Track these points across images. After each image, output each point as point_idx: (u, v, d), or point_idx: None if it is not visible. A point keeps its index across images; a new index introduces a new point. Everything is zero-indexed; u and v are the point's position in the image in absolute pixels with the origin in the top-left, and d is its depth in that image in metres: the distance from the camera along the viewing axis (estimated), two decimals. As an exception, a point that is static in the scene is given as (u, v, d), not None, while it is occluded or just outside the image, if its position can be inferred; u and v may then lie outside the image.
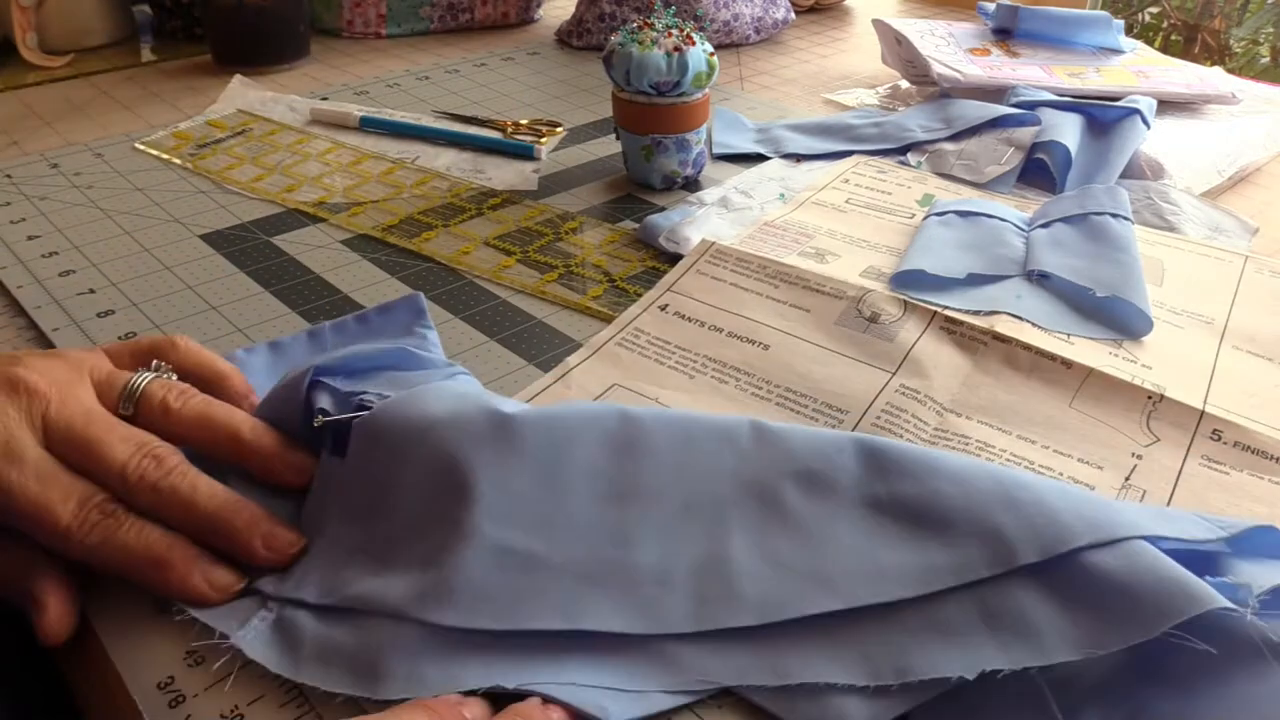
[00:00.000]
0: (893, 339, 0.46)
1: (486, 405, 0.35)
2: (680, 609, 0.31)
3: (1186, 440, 0.41)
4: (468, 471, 0.33)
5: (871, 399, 0.42)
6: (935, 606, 0.30)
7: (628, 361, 0.46)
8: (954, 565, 0.31)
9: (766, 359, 0.45)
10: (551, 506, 0.33)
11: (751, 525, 0.33)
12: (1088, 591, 0.29)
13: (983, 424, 0.42)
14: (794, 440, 0.35)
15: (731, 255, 0.52)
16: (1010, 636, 0.29)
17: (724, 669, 0.30)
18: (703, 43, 0.60)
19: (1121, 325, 0.47)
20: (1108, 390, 0.43)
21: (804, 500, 0.33)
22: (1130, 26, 1.70)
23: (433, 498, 0.34)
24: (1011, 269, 0.51)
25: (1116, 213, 0.54)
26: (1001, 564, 0.30)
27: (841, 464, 0.34)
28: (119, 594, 0.33)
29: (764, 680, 0.30)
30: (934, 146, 0.68)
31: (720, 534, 0.33)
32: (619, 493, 0.34)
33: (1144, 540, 0.30)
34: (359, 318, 0.46)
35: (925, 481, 0.33)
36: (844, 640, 0.30)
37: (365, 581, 0.32)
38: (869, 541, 0.32)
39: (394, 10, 0.97)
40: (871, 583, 0.31)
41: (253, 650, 0.31)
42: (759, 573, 0.32)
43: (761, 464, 0.35)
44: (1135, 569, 0.29)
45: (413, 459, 0.34)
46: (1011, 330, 0.46)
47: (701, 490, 0.34)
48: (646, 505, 0.34)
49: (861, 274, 0.52)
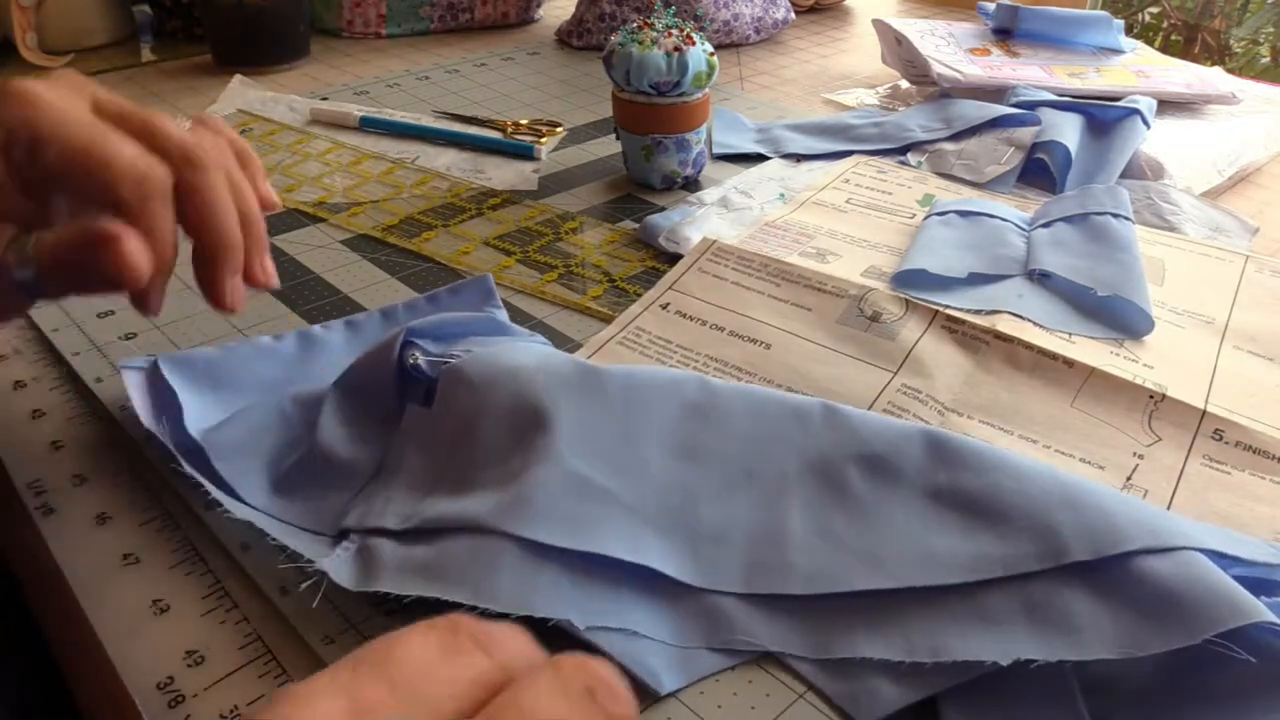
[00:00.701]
0: (894, 338, 0.46)
1: (572, 358, 0.39)
2: (733, 569, 0.33)
3: (1188, 440, 0.40)
4: (551, 407, 0.36)
5: (873, 398, 0.42)
6: (980, 595, 0.31)
7: (630, 361, 0.46)
8: (1005, 557, 0.31)
9: (768, 358, 0.45)
10: (627, 453, 0.35)
11: (811, 500, 0.35)
12: (1134, 594, 0.29)
13: (984, 423, 0.42)
14: (864, 425, 0.36)
15: (733, 254, 0.52)
16: (1050, 630, 0.29)
17: (769, 634, 0.32)
18: (703, 43, 0.60)
19: (1123, 325, 0.47)
20: (1109, 390, 0.43)
21: (865, 482, 0.35)
22: (1130, 26, 1.70)
23: (516, 430, 0.36)
24: (1013, 268, 0.51)
25: (1117, 212, 0.54)
26: (1052, 559, 0.31)
27: (907, 452, 0.35)
28: (119, 594, 0.33)
29: (806, 652, 0.31)
30: (934, 146, 0.68)
31: (780, 505, 0.35)
32: (689, 452, 0.36)
33: (1199, 553, 0.30)
34: (430, 297, 0.48)
35: (986, 475, 0.34)
36: (888, 619, 0.31)
37: (445, 503, 0.34)
38: (924, 527, 0.33)
39: (394, 10, 0.97)
40: (922, 566, 0.32)
41: (337, 574, 0.32)
42: (812, 545, 0.33)
43: (829, 444, 0.36)
44: (1185, 576, 0.29)
45: (498, 397, 0.36)
46: (1013, 329, 0.46)
47: (767, 461, 0.36)
48: (713, 467, 0.36)
49: (863, 273, 0.52)
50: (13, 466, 0.40)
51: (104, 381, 0.44)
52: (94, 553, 0.36)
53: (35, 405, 0.43)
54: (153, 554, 0.36)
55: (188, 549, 0.36)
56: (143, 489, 0.39)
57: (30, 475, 0.39)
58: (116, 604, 0.33)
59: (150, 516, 0.37)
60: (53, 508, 0.38)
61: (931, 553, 0.32)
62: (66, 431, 0.42)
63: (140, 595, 0.34)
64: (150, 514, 0.37)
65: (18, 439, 0.41)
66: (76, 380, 0.45)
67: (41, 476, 0.39)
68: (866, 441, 0.36)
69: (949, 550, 0.32)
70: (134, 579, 0.35)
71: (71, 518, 0.37)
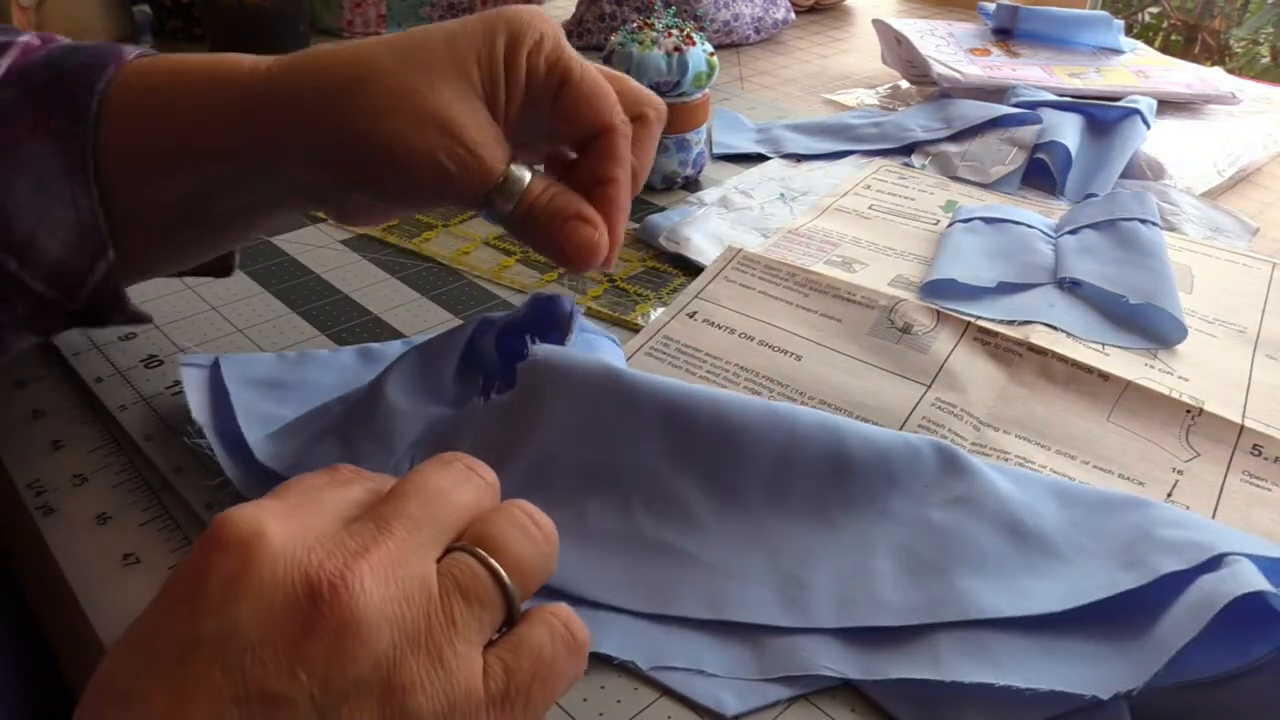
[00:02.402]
0: (926, 350, 0.45)
1: (661, 387, 0.36)
2: (823, 607, 0.32)
3: (1227, 455, 0.40)
4: (631, 455, 0.35)
5: (908, 413, 0.42)
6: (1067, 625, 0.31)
7: (659, 373, 0.44)
8: (1094, 586, 0.31)
9: (800, 369, 0.44)
10: (708, 503, 0.35)
11: (897, 539, 0.34)
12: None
13: (1020, 439, 0.41)
14: (951, 467, 0.36)
15: (759, 263, 0.52)
16: (1142, 654, 0.29)
17: (853, 664, 0.31)
18: (703, 43, 0.60)
19: (1155, 333, 0.47)
20: (1145, 404, 0.42)
21: (947, 514, 0.34)
22: (1130, 26, 1.70)
23: (588, 474, 0.35)
24: (1042, 277, 0.51)
25: (1145, 218, 0.54)
26: (1136, 579, 0.31)
27: (987, 489, 0.35)
28: (119, 594, 0.33)
29: (885, 675, 0.31)
30: (937, 148, 0.68)
31: (867, 545, 0.34)
32: (775, 496, 0.35)
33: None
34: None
35: (1063, 509, 0.35)
36: (980, 647, 0.31)
37: None
38: (1011, 560, 0.33)
39: (394, 10, 0.97)
40: (1010, 597, 0.32)
41: None
42: (902, 581, 0.33)
43: (911, 488, 0.35)
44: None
45: (571, 427, 0.36)
46: (1046, 341, 0.45)
47: (851, 505, 0.35)
48: (795, 511, 0.35)
49: (890, 283, 0.51)
50: (13, 466, 0.40)
51: (104, 381, 0.44)
52: (94, 553, 0.36)
53: (35, 405, 0.43)
54: (153, 554, 0.36)
55: (187, 549, 0.36)
56: (143, 489, 0.39)
57: (30, 475, 0.39)
58: (116, 604, 0.33)
59: (150, 516, 0.37)
60: (53, 508, 0.38)
61: (1021, 585, 0.32)
62: (66, 431, 0.42)
63: (140, 595, 0.34)
64: (150, 514, 0.37)
65: (18, 439, 0.41)
66: (76, 380, 0.45)
67: (41, 476, 0.39)
68: (947, 487, 0.35)
69: (1037, 584, 0.32)
70: (134, 579, 0.34)
71: (71, 518, 0.37)
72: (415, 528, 0.24)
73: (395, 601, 0.22)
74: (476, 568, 0.24)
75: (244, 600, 0.21)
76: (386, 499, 0.25)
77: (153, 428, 0.41)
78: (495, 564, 0.24)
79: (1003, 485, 0.35)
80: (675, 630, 0.32)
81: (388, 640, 0.22)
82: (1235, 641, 0.28)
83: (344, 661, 0.21)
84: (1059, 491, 0.35)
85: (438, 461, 0.26)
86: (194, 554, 0.22)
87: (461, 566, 0.24)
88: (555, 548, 0.26)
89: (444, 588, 0.23)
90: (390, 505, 0.24)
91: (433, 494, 0.25)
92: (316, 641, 0.21)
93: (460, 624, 0.23)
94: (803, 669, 0.31)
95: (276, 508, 0.23)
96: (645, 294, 0.52)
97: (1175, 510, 0.34)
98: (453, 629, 0.23)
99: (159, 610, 0.22)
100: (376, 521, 0.24)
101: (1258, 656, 0.28)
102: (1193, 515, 0.34)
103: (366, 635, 0.21)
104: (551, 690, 0.24)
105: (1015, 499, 0.35)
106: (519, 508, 0.26)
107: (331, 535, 0.23)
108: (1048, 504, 0.35)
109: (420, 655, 0.22)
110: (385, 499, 0.25)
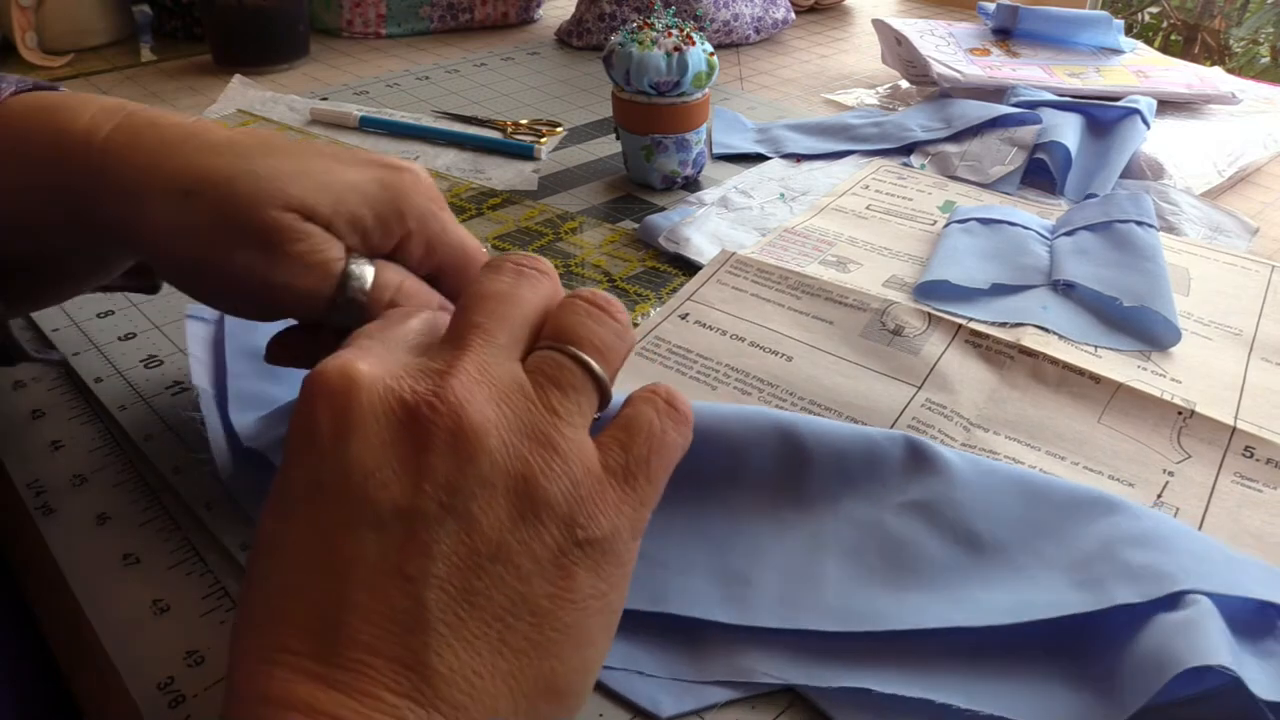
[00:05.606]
0: (917, 352, 0.45)
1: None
2: (765, 606, 0.32)
3: (1218, 457, 0.40)
4: None
5: (897, 414, 0.42)
6: (1018, 642, 0.31)
7: (650, 373, 0.45)
8: (1048, 602, 0.31)
9: (790, 370, 0.45)
10: (677, 517, 0.34)
11: (848, 542, 0.34)
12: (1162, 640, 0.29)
13: (1011, 439, 0.41)
14: (904, 469, 0.35)
15: (752, 266, 0.52)
16: (1086, 684, 0.29)
17: (793, 670, 0.31)
18: (703, 43, 0.60)
19: (1149, 336, 0.47)
20: (1137, 405, 0.42)
21: (904, 523, 0.34)
22: (1130, 26, 1.70)
23: None
24: (1036, 279, 0.51)
25: (1141, 220, 0.53)
26: (1093, 603, 0.30)
27: (943, 494, 0.34)
28: (119, 594, 0.33)
29: (825, 682, 0.30)
30: (936, 148, 0.68)
31: (817, 547, 0.34)
32: (722, 495, 0.35)
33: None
34: None
35: (1020, 518, 0.34)
36: (920, 659, 0.31)
37: None
38: (962, 572, 0.33)
39: (394, 10, 0.97)
40: (958, 608, 0.31)
41: None
42: (849, 588, 0.32)
43: (867, 490, 0.35)
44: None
45: None
46: (1038, 344, 0.45)
47: (807, 505, 0.35)
48: (745, 509, 0.35)
49: (884, 283, 0.51)
50: (13, 466, 0.40)
51: (104, 381, 0.44)
52: (94, 553, 0.36)
53: (35, 405, 0.43)
54: (153, 554, 0.36)
55: (188, 549, 0.36)
56: (143, 489, 0.39)
57: (30, 475, 0.39)
58: (116, 604, 0.33)
59: (150, 516, 0.37)
60: (53, 508, 0.38)
61: (971, 596, 0.32)
62: (66, 431, 0.42)
63: (140, 595, 0.34)
64: (150, 514, 0.37)
65: (18, 439, 0.41)
66: (76, 380, 0.45)
67: (41, 476, 0.39)
68: (903, 490, 0.35)
69: (987, 596, 0.31)
70: (134, 579, 0.34)
71: (71, 518, 0.37)
72: (490, 335, 0.25)
73: (493, 403, 0.24)
74: (562, 359, 0.26)
75: (353, 437, 0.23)
76: (455, 317, 0.26)
77: (153, 428, 0.41)
78: (577, 351, 0.26)
79: (964, 490, 0.34)
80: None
81: (497, 439, 0.23)
82: (1185, 676, 0.28)
83: (462, 465, 0.23)
84: (1027, 489, 0.34)
85: (488, 269, 0.28)
86: (298, 409, 0.24)
87: (548, 361, 0.26)
88: (627, 323, 0.28)
89: (536, 382, 0.25)
90: (460, 321, 0.26)
91: (496, 300, 0.26)
92: (431, 454, 0.23)
93: (562, 411, 0.25)
94: (743, 674, 0.31)
95: (357, 353, 0.25)
96: (645, 294, 0.52)
97: (1146, 521, 0.33)
98: (556, 417, 0.25)
99: (285, 466, 0.24)
100: (452, 340, 0.25)
101: (1207, 687, 0.28)
102: (1164, 529, 0.33)
103: (476, 437, 0.23)
104: (668, 460, 0.26)
105: (974, 507, 0.34)
106: (580, 296, 0.27)
107: (415, 362, 0.25)
108: (1012, 506, 0.34)
109: (532, 445, 0.24)
110: (454, 317, 0.26)
